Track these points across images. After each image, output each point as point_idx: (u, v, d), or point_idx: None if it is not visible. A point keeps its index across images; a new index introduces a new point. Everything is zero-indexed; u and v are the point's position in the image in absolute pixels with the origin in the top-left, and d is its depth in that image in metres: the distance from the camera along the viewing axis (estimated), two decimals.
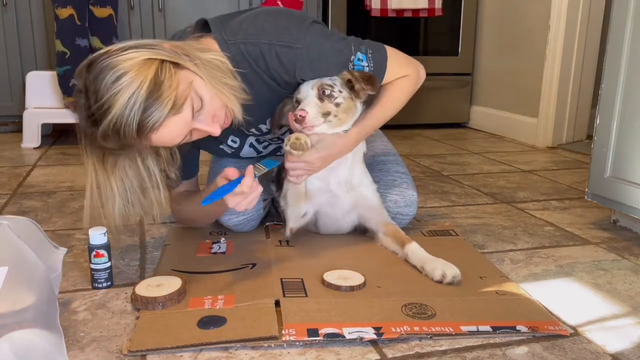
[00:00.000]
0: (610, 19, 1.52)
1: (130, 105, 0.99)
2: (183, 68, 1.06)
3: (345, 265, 1.26)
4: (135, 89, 0.99)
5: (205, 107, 1.11)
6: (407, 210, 1.45)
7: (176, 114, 1.04)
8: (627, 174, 1.49)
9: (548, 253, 1.42)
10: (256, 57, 1.21)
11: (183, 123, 1.07)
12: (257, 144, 1.46)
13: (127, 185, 1.16)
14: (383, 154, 1.56)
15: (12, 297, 0.89)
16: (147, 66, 1.01)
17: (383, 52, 1.29)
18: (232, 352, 0.94)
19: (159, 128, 1.04)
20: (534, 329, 1.02)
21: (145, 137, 1.05)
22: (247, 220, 1.43)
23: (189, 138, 1.15)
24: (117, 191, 1.15)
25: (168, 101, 1.02)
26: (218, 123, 1.15)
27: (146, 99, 1.00)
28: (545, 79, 2.84)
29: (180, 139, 1.11)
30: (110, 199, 1.15)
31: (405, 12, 3.11)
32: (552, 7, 2.75)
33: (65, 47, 2.52)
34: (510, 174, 2.28)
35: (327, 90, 1.25)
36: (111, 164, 1.13)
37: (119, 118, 1.00)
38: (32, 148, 2.65)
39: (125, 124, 1.00)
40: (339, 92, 1.26)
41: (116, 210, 1.16)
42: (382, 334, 0.98)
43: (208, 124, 1.12)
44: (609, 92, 1.53)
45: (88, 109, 1.03)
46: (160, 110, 1.01)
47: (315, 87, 1.25)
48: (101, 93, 1.00)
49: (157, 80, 1.01)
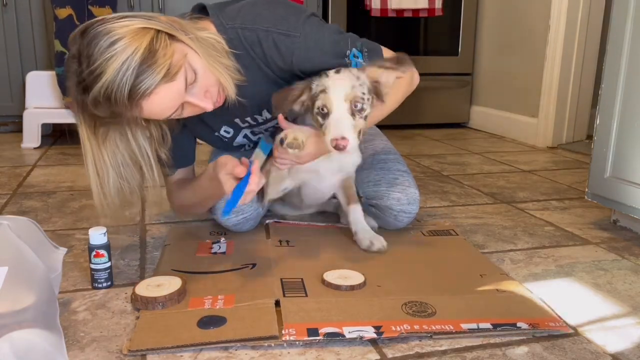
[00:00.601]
0: (610, 19, 1.52)
1: (123, 71, 0.98)
2: (178, 40, 1.06)
3: (345, 264, 1.27)
4: (129, 55, 0.98)
5: (199, 81, 1.10)
6: (410, 208, 1.45)
7: (169, 82, 1.03)
8: (627, 174, 1.49)
9: (548, 253, 1.42)
10: (252, 43, 1.21)
11: (175, 92, 1.06)
12: (252, 135, 1.45)
13: (119, 159, 1.16)
14: (384, 153, 1.56)
15: (12, 297, 0.89)
16: (142, 34, 1.00)
17: (379, 51, 1.29)
18: (232, 352, 0.94)
19: (151, 95, 1.02)
20: (534, 325, 1.02)
21: (136, 105, 1.03)
22: (245, 219, 1.43)
23: (180, 113, 1.13)
24: (110, 164, 1.15)
25: (162, 69, 1.01)
26: (211, 99, 1.14)
27: (139, 65, 0.99)
28: (545, 79, 2.84)
29: (171, 110, 1.09)
30: (104, 173, 1.15)
31: (405, 12, 3.11)
32: (552, 7, 2.75)
33: (64, 47, 2.52)
34: (510, 174, 2.28)
35: (359, 104, 1.17)
36: (102, 134, 1.13)
37: (111, 83, 0.99)
38: (32, 148, 2.65)
39: (116, 89, 0.99)
40: (367, 100, 1.19)
41: (111, 184, 1.16)
42: (382, 333, 0.98)
43: (200, 98, 1.11)
44: (609, 92, 1.53)
45: (80, 75, 1.02)
46: (153, 77, 1.00)
47: (348, 99, 1.16)
48: (94, 58, 0.99)
49: (152, 48, 1.00)
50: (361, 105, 1.18)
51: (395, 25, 3.19)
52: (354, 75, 1.19)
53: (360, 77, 1.19)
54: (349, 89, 1.16)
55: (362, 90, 1.18)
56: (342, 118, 1.16)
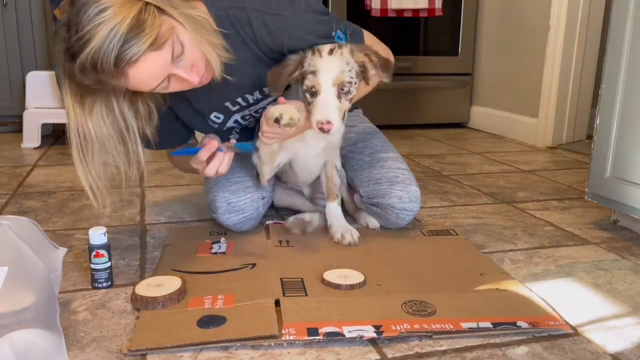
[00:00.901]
0: (610, 19, 1.52)
1: (110, 38, 0.99)
2: (167, 14, 1.07)
3: (345, 264, 1.26)
4: (117, 23, 0.99)
5: (186, 54, 1.10)
6: (412, 206, 1.45)
7: (155, 51, 1.04)
8: (627, 174, 1.49)
9: (548, 253, 1.42)
10: (242, 23, 1.23)
11: (161, 62, 1.06)
12: (242, 120, 1.47)
13: (104, 131, 1.17)
14: (383, 151, 1.56)
15: (12, 297, 0.89)
16: (130, 4, 1.01)
17: (360, 34, 1.36)
18: (232, 352, 0.94)
19: (137, 62, 1.03)
20: (534, 324, 1.02)
21: (122, 72, 1.04)
22: (246, 219, 1.43)
23: (167, 86, 1.13)
24: (95, 135, 1.16)
25: (149, 37, 1.02)
26: (197, 73, 1.14)
27: (127, 32, 1.00)
28: (545, 79, 2.84)
29: (157, 81, 1.09)
30: (89, 145, 1.16)
31: (405, 12, 3.11)
32: (552, 7, 2.75)
33: None
34: (510, 174, 2.28)
35: (346, 87, 1.22)
36: (89, 104, 1.14)
37: (98, 50, 1.00)
38: (32, 148, 2.65)
39: (103, 56, 1.00)
40: (354, 84, 1.24)
41: (95, 158, 1.17)
42: (382, 332, 0.98)
43: (187, 72, 1.12)
44: (609, 92, 1.53)
45: (68, 42, 1.03)
46: (139, 44, 1.01)
47: (336, 84, 1.20)
48: (82, 25, 1.00)
49: (140, 17, 1.01)
50: (348, 89, 1.22)
51: (395, 25, 3.19)
52: (344, 60, 1.21)
53: (349, 63, 1.22)
54: (338, 73, 1.20)
55: (350, 75, 1.22)
56: (328, 102, 1.20)
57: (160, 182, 2.04)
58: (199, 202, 1.79)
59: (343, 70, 1.20)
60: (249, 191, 1.42)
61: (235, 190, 1.41)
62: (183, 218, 1.63)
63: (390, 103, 3.27)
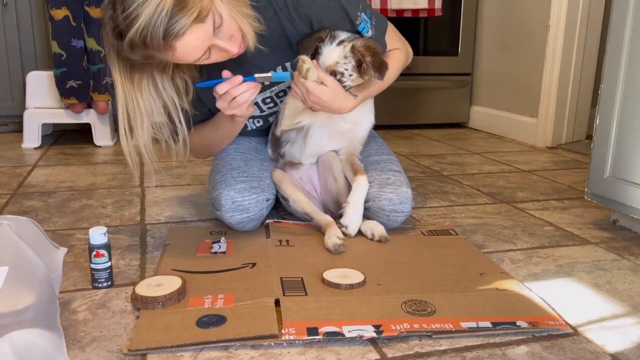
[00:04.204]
0: (610, 19, 1.52)
1: (157, 13, 1.06)
2: None
3: (345, 263, 1.27)
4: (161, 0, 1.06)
5: (224, 26, 1.17)
6: (402, 207, 1.45)
7: (199, 23, 1.10)
8: (627, 174, 1.49)
9: (548, 253, 1.42)
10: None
11: (205, 33, 1.13)
12: (262, 104, 1.52)
13: (152, 106, 1.26)
14: (377, 154, 1.57)
15: (12, 297, 0.89)
16: None
17: (384, 22, 1.45)
18: (232, 352, 0.94)
19: (184, 35, 1.10)
20: (534, 324, 1.02)
21: (170, 46, 1.11)
22: (249, 219, 1.43)
23: (208, 56, 1.20)
24: (145, 110, 1.24)
25: (193, 11, 1.08)
26: (236, 43, 1.21)
27: (172, 7, 1.06)
28: (545, 79, 2.84)
29: (200, 52, 1.16)
30: (138, 118, 1.24)
31: (405, 12, 3.11)
32: (552, 7, 2.75)
33: (61, 48, 2.51)
34: (510, 174, 2.28)
35: (337, 76, 1.34)
36: (137, 80, 1.22)
37: (146, 26, 1.07)
38: (32, 148, 2.65)
39: (152, 30, 1.07)
40: (349, 76, 1.36)
41: (145, 130, 1.26)
42: (382, 332, 0.98)
43: (226, 42, 1.19)
44: (609, 92, 1.53)
45: (115, 20, 1.10)
46: (185, 18, 1.08)
47: (328, 70, 1.34)
48: (128, 4, 1.06)
49: None
50: (339, 78, 1.35)
51: (395, 25, 3.17)
52: (342, 54, 1.34)
53: (347, 57, 1.34)
54: (333, 62, 1.34)
55: (344, 65, 1.35)
56: None
57: (160, 182, 2.04)
58: (199, 202, 1.79)
59: (337, 62, 1.34)
60: (254, 192, 1.42)
61: (241, 189, 1.41)
62: (183, 218, 1.63)
63: (390, 103, 3.27)
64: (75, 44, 2.53)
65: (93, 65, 2.59)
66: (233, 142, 1.57)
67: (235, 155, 1.52)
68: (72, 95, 2.56)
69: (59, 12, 2.50)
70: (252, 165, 1.49)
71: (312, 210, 1.49)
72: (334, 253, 1.35)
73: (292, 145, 1.54)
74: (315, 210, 1.49)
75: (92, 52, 2.57)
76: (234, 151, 1.54)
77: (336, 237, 1.37)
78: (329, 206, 1.58)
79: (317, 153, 1.55)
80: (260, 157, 1.56)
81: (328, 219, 1.46)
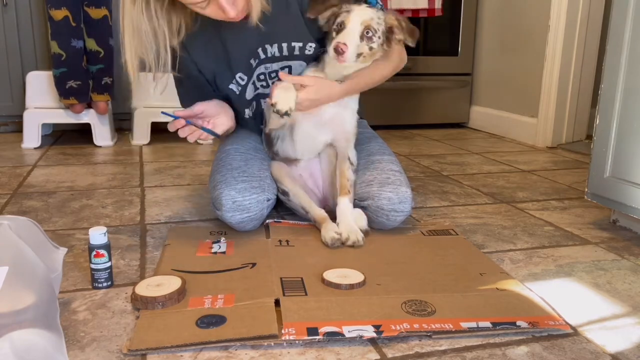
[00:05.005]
0: (610, 19, 1.52)
1: None
2: None
3: (345, 263, 1.27)
4: None
5: None
6: (402, 207, 1.45)
7: None
8: (627, 174, 1.49)
9: (548, 253, 1.42)
10: None
11: None
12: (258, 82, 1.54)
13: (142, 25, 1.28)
14: (378, 154, 1.57)
15: (12, 297, 0.89)
16: None
17: None
18: (232, 352, 0.94)
19: None
20: (534, 324, 1.02)
21: None
22: (249, 219, 1.43)
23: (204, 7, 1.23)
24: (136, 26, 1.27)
25: None
26: (236, 7, 1.25)
27: None
28: (545, 79, 2.84)
29: None
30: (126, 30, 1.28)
31: (405, 12, 3.11)
32: (552, 7, 2.75)
33: (61, 49, 2.51)
34: (510, 174, 2.28)
35: (370, 33, 1.33)
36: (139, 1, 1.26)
37: None
38: (32, 148, 2.65)
39: None
40: (378, 37, 1.35)
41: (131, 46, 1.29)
42: (382, 332, 0.98)
43: (228, 2, 1.22)
44: (608, 92, 1.53)
45: None
46: None
47: (363, 24, 1.32)
48: None
49: None
50: (371, 34, 1.33)
51: None
52: (375, 14, 1.34)
53: (380, 18, 1.35)
54: (368, 17, 1.33)
55: (377, 26, 1.34)
56: (352, 32, 1.31)
57: (161, 182, 2.04)
58: (199, 202, 1.79)
59: (372, 18, 1.33)
60: (255, 192, 1.42)
61: (241, 189, 1.41)
62: (183, 218, 1.63)
63: (390, 103, 3.27)
64: (75, 44, 2.53)
65: (93, 66, 2.59)
66: (233, 142, 1.57)
67: (235, 155, 1.52)
68: (71, 95, 2.56)
69: (58, 12, 2.49)
70: (252, 165, 1.49)
71: (308, 205, 1.52)
72: (331, 247, 1.37)
73: (283, 141, 1.55)
74: (311, 205, 1.52)
75: (92, 52, 2.58)
76: (234, 151, 1.54)
77: (333, 232, 1.40)
78: (329, 202, 1.58)
79: (310, 147, 1.54)
80: (260, 157, 1.56)
81: (323, 214, 1.49)
